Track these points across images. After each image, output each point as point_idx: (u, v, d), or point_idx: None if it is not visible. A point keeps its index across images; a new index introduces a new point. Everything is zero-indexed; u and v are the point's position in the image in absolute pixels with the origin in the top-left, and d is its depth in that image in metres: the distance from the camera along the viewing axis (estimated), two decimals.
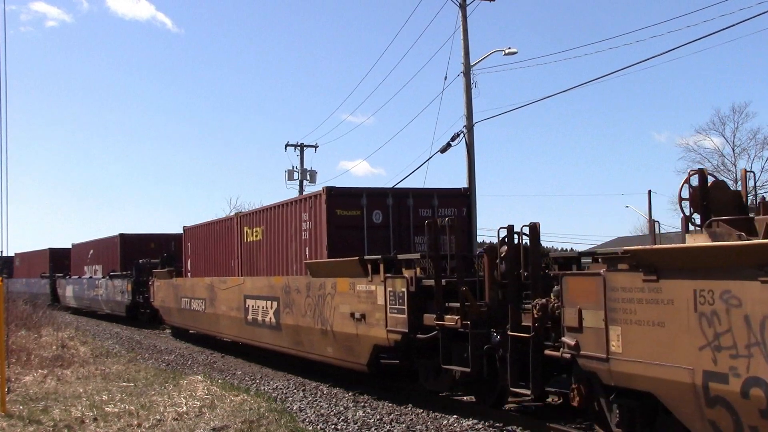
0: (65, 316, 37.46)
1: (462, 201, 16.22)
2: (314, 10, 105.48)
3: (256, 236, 18.46)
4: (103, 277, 35.54)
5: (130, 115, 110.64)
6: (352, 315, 13.10)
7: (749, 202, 8.46)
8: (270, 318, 17.04)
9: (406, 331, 11.64)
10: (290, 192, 47.28)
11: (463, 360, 10.86)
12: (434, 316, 11.22)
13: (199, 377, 15.18)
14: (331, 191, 14.99)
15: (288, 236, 16.67)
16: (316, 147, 47.14)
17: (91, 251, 38.62)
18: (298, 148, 46.76)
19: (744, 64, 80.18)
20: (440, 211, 15.44)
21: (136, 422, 10.82)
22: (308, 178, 46.62)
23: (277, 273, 17.16)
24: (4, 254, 48.33)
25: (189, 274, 23.89)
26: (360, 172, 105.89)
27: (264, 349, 18.65)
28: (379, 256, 12.72)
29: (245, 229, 19.28)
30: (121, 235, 34.40)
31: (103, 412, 11.65)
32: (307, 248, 15.67)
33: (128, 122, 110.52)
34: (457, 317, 10.74)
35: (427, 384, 12.47)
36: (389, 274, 12.19)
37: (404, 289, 11.74)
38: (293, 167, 46.35)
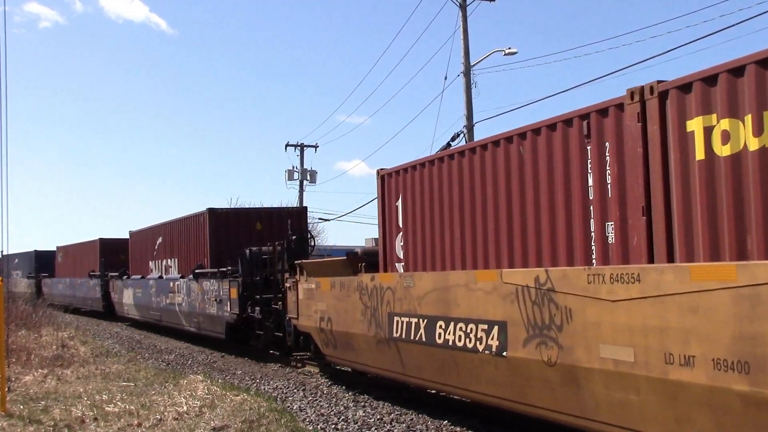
0: (65, 316, 35.93)
1: None
2: (313, 10, 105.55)
3: None
4: (182, 277, 23.78)
5: (127, 115, 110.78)
6: None
7: None
8: None
9: None
10: (291, 192, 47.31)
11: None
12: None
13: (200, 377, 15.17)
14: None
15: None
16: (316, 147, 47.26)
17: (160, 240, 27.14)
18: (298, 148, 46.82)
19: None
20: None
21: (136, 422, 10.82)
22: (308, 178, 46.71)
23: None
24: (5, 253, 42.07)
25: (402, 265, 12.14)
26: (357, 173, 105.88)
27: None
28: None
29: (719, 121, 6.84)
30: (211, 210, 22.23)
31: (103, 411, 11.65)
32: None
33: (125, 123, 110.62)
34: None
35: None
36: None
37: None
38: (293, 167, 46.44)
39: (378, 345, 12.22)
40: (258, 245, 19.60)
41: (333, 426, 10.85)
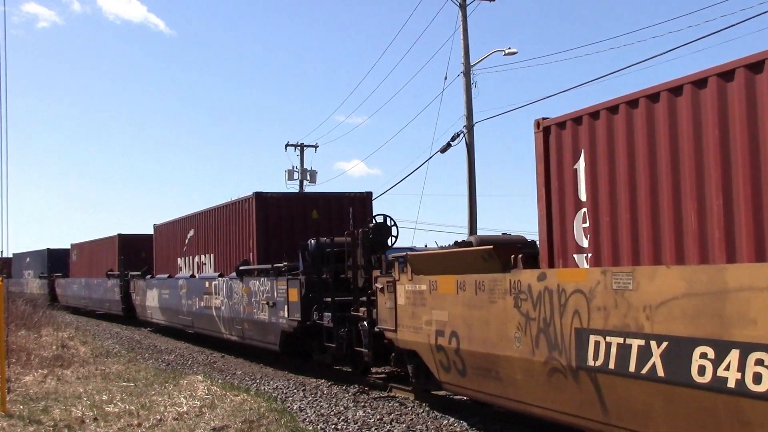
0: (65, 315, 35.62)
1: None
2: (312, 10, 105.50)
3: None
4: (220, 276, 20.40)
5: (125, 116, 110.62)
6: None
7: None
8: None
9: None
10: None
11: None
12: None
13: (200, 377, 15.18)
14: None
15: None
16: (316, 147, 47.26)
17: (191, 233, 23.66)
18: (298, 148, 46.83)
19: None
20: None
21: (136, 422, 10.82)
22: (308, 178, 46.73)
23: None
24: (5, 255, 41.17)
25: (586, 257, 8.46)
26: (356, 173, 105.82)
27: None
28: None
29: None
30: (259, 195, 18.60)
31: (103, 411, 11.66)
32: None
33: (124, 123, 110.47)
34: None
35: None
36: None
37: None
38: (293, 167, 46.44)
39: (551, 376, 8.40)
40: (314, 237, 15.95)
41: (333, 426, 10.85)
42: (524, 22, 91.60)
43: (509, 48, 27.13)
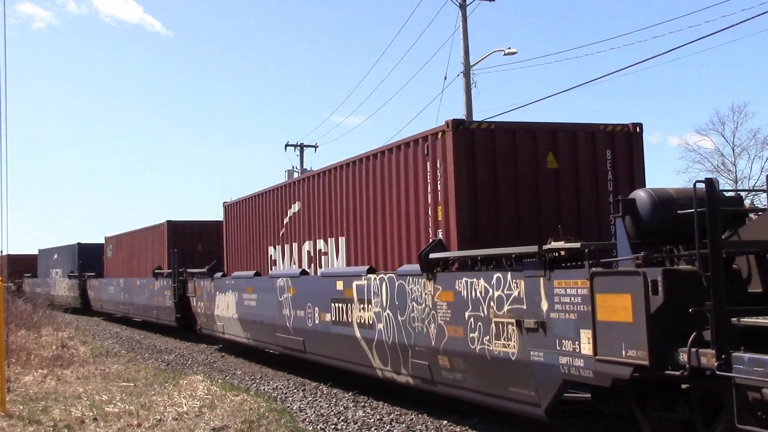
0: (65, 315, 34.84)
1: None
2: (311, 9, 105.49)
3: None
4: (371, 272, 12.29)
5: (123, 117, 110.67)
6: None
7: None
8: None
9: None
10: None
11: None
12: None
13: (199, 377, 15.18)
14: None
15: None
16: (315, 147, 47.33)
17: (296, 207, 16.05)
18: (298, 148, 46.88)
19: (742, 65, 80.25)
20: None
21: (136, 422, 10.82)
22: None
23: None
24: (5, 253, 39.45)
25: None
26: None
27: None
28: None
29: None
30: (458, 124, 10.52)
31: (103, 412, 11.65)
32: None
33: (122, 124, 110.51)
34: None
35: None
36: None
37: None
38: (293, 167, 46.46)
39: None
40: (554, 202, 10.60)
41: (333, 426, 10.85)
42: (524, 22, 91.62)
43: (509, 48, 27.20)
